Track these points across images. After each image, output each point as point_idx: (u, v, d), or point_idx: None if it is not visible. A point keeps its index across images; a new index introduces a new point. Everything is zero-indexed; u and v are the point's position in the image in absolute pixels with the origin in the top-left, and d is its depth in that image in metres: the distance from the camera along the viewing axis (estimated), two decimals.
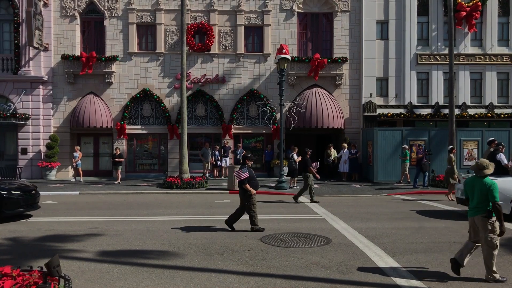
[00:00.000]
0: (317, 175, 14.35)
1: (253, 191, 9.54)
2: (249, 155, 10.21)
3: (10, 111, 20.33)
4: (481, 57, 22.22)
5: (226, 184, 17.52)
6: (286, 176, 18.69)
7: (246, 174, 9.45)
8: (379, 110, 21.79)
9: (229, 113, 21.89)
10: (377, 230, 9.59)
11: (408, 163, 18.64)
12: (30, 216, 11.46)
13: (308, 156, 14.36)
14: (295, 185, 17.89)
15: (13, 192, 10.84)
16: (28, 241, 8.74)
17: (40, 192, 13.48)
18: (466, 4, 21.62)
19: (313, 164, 14.42)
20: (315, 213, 12.05)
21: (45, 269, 4.23)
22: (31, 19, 19.62)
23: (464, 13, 21.60)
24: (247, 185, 9.46)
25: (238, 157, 20.79)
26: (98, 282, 6.09)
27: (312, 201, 14.02)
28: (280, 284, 6.01)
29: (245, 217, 10.05)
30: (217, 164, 21.13)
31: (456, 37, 21.81)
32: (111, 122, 21.51)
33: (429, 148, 19.07)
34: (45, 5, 21.19)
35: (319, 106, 20.97)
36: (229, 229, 9.65)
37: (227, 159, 21.05)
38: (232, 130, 21.90)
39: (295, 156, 17.53)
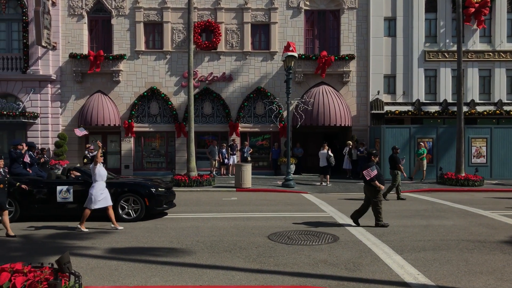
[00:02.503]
0: (404, 173, 14.36)
1: (382, 187, 9.78)
2: (374, 151, 10.21)
3: (19, 110, 20.50)
4: (490, 53, 22.02)
5: (233, 182, 17.55)
6: (320, 173, 18.71)
7: (375, 172, 9.63)
8: (386, 108, 21.68)
9: (236, 111, 21.90)
10: (384, 228, 9.57)
11: (425, 160, 18.62)
12: (166, 214, 11.43)
13: (397, 154, 14.51)
14: (328, 183, 17.88)
15: (159, 189, 10.93)
16: (38, 238, 8.83)
17: None
18: (475, 0, 21.42)
19: (402, 162, 14.72)
20: (322, 210, 12.04)
21: (55, 266, 4.28)
22: (39, 18, 19.75)
23: (473, 9, 21.41)
24: (376, 182, 9.61)
25: (245, 155, 20.82)
26: (107, 279, 6.15)
27: (398, 198, 14.11)
28: (288, 282, 6.02)
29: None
30: (224, 162, 21.16)
31: (465, 33, 21.62)
32: (119, 121, 21.63)
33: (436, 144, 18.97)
34: (53, 4, 21.32)
35: (326, 103, 20.92)
36: (354, 224, 9.89)
37: (234, 157, 21.07)
38: (239, 128, 21.92)
39: (330, 152, 17.67)
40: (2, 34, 21.86)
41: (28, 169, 12.67)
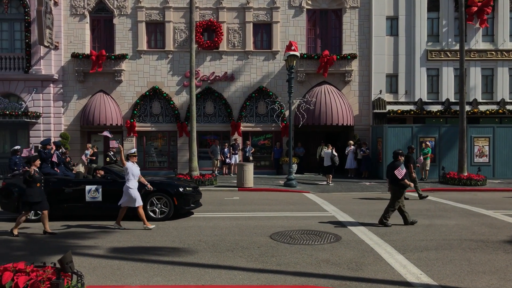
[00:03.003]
0: (414, 174, 14.38)
1: (412, 184, 10.05)
2: (400, 151, 10.22)
3: (22, 110, 20.54)
4: (493, 52, 21.95)
5: (235, 181, 17.56)
6: (323, 173, 18.70)
7: (404, 171, 9.76)
8: (388, 107, 21.64)
9: (237, 110, 21.90)
10: (387, 228, 9.55)
11: (428, 160, 18.60)
12: (192, 213, 11.40)
13: (412, 154, 14.60)
14: (330, 182, 17.92)
15: (187, 188, 10.94)
16: (40, 238, 8.85)
17: None
18: None
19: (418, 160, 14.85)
20: (324, 210, 12.03)
21: (58, 265, 4.28)
22: (41, 18, 19.79)
23: (475, 8, 21.35)
24: (406, 181, 9.70)
25: (247, 155, 20.83)
26: (110, 278, 6.15)
27: (421, 197, 14.16)
28: (290, 281, 6.02)
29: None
30: (226, 162, 21.17)
31: (467, 32, 21.55)
32: (121, 120, 21.65)
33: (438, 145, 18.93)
34: (55, 4, 21.36)
35: (328, 103, 20.90)
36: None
37: (236, 156, 21.08)
38: (241, 127, 21.91)
39: (334, 152, 17.71)
40: (5, 34, 21.92)
41: (56, 168, 12.72)
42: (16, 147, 14.49)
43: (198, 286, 5.81)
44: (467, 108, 20.69)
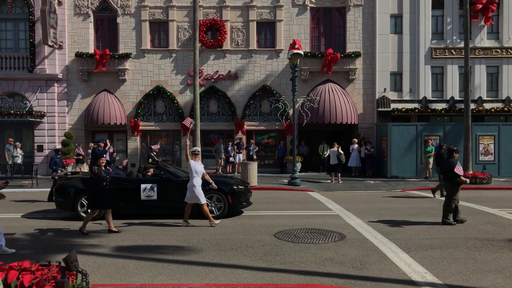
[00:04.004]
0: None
1: (468, 180, 9.97)
2: (455, 148, 10.18)
3: (26, 109, 20.62)
4: (498, 50, 21.82)
5: None
6: (328, 171, 18.72)
7: (461, 167, 9.73)
8: (393, 105, 21.57)
9: (241, 109, 21.89)
10: (391, 226, 9.52)
11: (432, 159, 18.54)
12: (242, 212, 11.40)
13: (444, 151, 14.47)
14: (340, 180, 17.96)
15: (240, 186, 10.97)
16: (45, 236, 8.88)
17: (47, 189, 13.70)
18: None
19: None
20: (328, 209, 12.01)
21: (63, 264, 4.29)
22: (45, 17, 19.84)
23: (480, 6, 21.21)
24: (462, 177, 9.69)
25: (250, 153, 20.82)
26: (114, 277, 6.17)
27: (441, 195, 14.05)
28: (294, 280, 6.01)
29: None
30: (229, 160, 21.17)
31: (472, 30, 21.44)
32: (125, 119, 21.69)
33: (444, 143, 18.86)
34: (59, 3, 21.40)
35: (332, 101, 20.85)
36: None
37: (240, 155, 21.07)
38: (245, 126, 21.91)
39: (340, 150, 17.81)
40: (9, 33, 22.00)
41: (108, 167, 12.80)
42: (58, 147, 14.52)
43: (203, 284, 5.81)
44: (472, 106, 20.58)
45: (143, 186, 10.53)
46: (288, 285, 5.78)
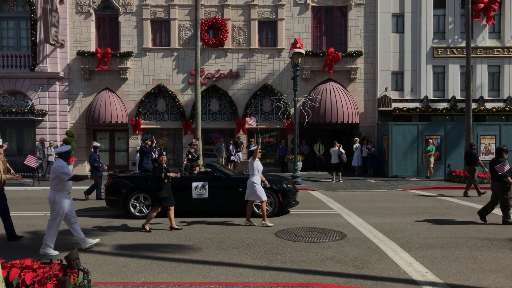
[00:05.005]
0: (485, 168, 14.32)
1: None
2: (505, 147, 10.11)
3: (28, 107, 20.66)
4: (499, 49, 21.79)
5: None
6: (331, 170, 18.76)
7: (508, 167, 9.56)
8: (394, 105, 21.56)
9: (243, 108, 21.90)
10: (392, 225, 9.53)
11: (432, 158, 18.54)
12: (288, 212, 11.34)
13: (474, 150, 14.52)
14: (340, 179, 17.96)
15: (289, 185, 10.94)
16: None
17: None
18: None
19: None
20: (329, 208, 12.01)
21: (64, 262, 4.30)
22: (47, 16, 19.86)
23: (482, 5, 21.19)
24: (509, 178, 9.60)
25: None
26: (116, 275, 6.18)
27: (479, 193, 14.14)
28: (295, 279, 6.02)
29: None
30: (230, 159, 21.18)
31: (474, 29, 21.41)
32: (126, 118, 21.72)
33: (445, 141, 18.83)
34: (61, 2, 21.43)
35: (333, 100, 20.85)
36: (480, 221, 9.82)
37: (240, 154, 21.08)
38: (246, 125, 21.91)
39: (341, 149, 17.89)
40: (11, 32, 22.03)
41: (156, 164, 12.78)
42: (96, 144, 14.59)
43: (204, 283, 5.82)
44: (474, 105, 20.58)
45: (194, 184, 10.53)
46: (289, 284, 5.79)
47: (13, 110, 20.13)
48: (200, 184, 10.52)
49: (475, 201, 12.92)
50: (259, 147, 10.08)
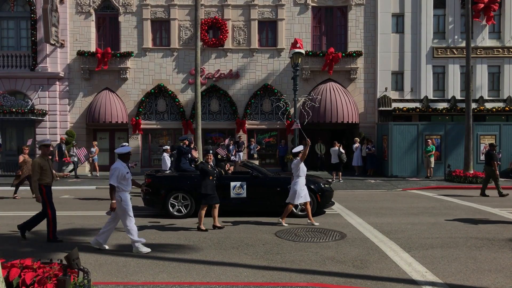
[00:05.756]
0: (497, 170, 14.27)
1: None
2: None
3: (28, 107, 20.66)
4: (499, 50, 21.80)
5: None
6: (331, 170, 18.80)
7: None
8: (394, 105, 21.57)
9: (243, 108, 21.91)
10: (392, 225, 9.53)
11: (433, 158, 18.55)
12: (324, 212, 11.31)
13: (494, 151, 14.50)
14: (340, 179, 18.02)
15: (326, 185, 10.95)
16: (46, 234, 8.89)
17: (58, 187, 13.66)
18: None
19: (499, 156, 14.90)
20: (329, 208, 12.00)
21: (64, 262, 4.31)
22: (47, 16, 19.87)
23: (482, 5, 21.20)
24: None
25: (252, 152, 20.83)
26: (116, 275, 6.19)
27: (501, 194, 14.12)
28: (295, 278, 6.02)
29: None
30: (230, 159, 21.16)
31: (474, 29, 21.41)
32: (126, 118, 21.72)
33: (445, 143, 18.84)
34: (61, 2, 21.43)
35: (333, 100, 20.86)
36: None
37: (241, 154, 21.09)
38: (246, 125, 21.93)
39: (341, 149, 17.99)
40: (11, 32, 22.03)
41: (193, 165, 12.78)
42: (123, 144, 14.69)
43: (203, 283, 5.83)
44: (473, 105, 20.58)
45: (232, 184, 10.55)
46: (289, 284, 5.79)
47: (13, 110, 20.13)
48: (238, 183, 10.55)
49: (475, 201, 12.93)
50: (308, 148, 9.93)
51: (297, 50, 17.00)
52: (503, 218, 10.40)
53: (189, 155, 12.34)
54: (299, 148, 10.03)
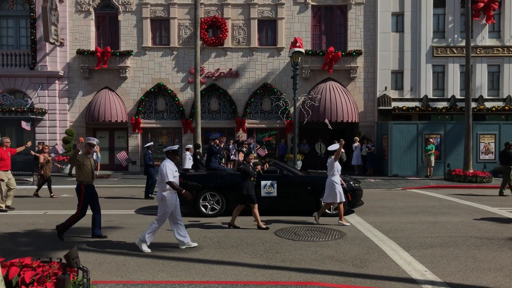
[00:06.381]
0: None
1: None
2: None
3: (27, 106, 20.65)
4: (499, 49, 21.79)
5: None
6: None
7: None
8: (394, 104, 21.57)
9: (242, 107, 21.90)
10: (392, 224, 9.53)
11: (433, 157, 18.56)
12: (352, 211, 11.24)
13: (510, 150, 14.39)
14: None
15: (356, 184, 10.94)
16: (47, 233, 8.90)
17: (57, 186, 13.63)
18: None
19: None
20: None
21: (64, 261, 4.31)
22: (47, 14, 19.84)
23: (482, 4, 21.18)
24: None
25: (252, 152, 20.78)
26: (115, 274, 6.18)
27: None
28: (295, 277, 6.02)
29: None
30: (230, 158, 21.15)
31: (473, 28, 21.41)
32: (126, 117, 21.71)
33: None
34: (60, 0, 21.40)
35: (333, 99, 20.85)
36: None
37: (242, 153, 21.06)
38: (246, 124, 21.92)
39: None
40: (10, 30, 22.01)
41: (223, 164, 12.75)
42: (149, 144, 14.79)
43: (203, 282, 5.83)
44: (473, 105, 20.57)
45: (263, 182, 10.54)
46: (288, 283, 5.79)
47: (13, 109, 20.14)
48: (269, 182, 10.56)
49: (475, 200, 12.93)
50: (341, 147, 9.91)
51: (296, 49, 16.98)
52: (502, 217, 10.40)
53: (220, 154, 12.34)
54: (335, 146, 10.02)
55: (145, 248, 7.40)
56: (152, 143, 15.16)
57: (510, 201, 12.94)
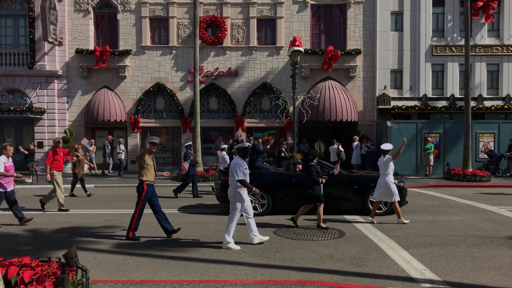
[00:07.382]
0: None
1: None
2: None
3: (26, 105, 20.62)
4: (498, 48, 21.80)
5: None
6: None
7: None
8: (393, 103, 21.57)
9: (242, 106, 21.89)
10: (391, 223, 9.54)
11: (432, 156, 18.57)
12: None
13: None
14: None
15: (400, 184, 10.86)
16: (45, 233, 8.89)
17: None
18: None
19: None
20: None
21: (63, 260, 4.30)
22: (45, 14, 19.82)
23: (481, 3, 21.18)
24: None
25: None
26: (114, 273, 6.18)
27: None
28: (294, 276, 6.02)
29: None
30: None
31: (473, 27, 21.41)
32: (125, 116, 21.69)
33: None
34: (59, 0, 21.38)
35: (332, 99, 20.84)
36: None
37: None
38: (245, 123, 21.91)
39: (340, 147, 18.20)
40: (9, 29, 21.98)
41: (265, 163, 12.70)
42: (188, 143, 14.83)
43: (202, 281, 5.82)
44: (472, 103, 20.57)
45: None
46: (288, 282, 5.79)
47: (12, 108, 20.11)
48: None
49: (474, 199, 12.94)
50: (403, 147, 9.97)
51: (296, 48, 16.94)
52: (501, 215, 10.41)
53: (264, 154, 12.33)
54: (389, 146, 10.02)
55: (233, 246, 7.45)
56: (190, 143, 15.14)
57: (509, 200, 12.95)
